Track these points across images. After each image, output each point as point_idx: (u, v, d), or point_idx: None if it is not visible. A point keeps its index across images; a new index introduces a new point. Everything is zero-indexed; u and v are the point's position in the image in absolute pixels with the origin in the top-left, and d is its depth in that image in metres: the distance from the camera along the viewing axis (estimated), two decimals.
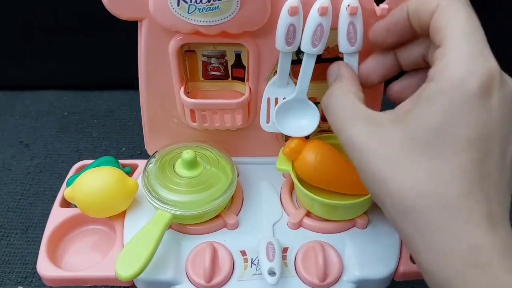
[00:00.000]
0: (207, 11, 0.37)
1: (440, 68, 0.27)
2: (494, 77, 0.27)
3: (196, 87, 0.45)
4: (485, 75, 0.27)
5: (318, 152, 0.41)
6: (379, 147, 0.29)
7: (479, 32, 0.28)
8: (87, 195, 0.41)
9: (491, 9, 0.75)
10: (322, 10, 0.37)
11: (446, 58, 0.27)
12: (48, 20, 0.73)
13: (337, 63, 0.38)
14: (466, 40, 0.27)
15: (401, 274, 0.41)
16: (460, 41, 0.27)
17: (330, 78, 0.38)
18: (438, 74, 0.27)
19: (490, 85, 0.27)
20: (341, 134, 0.32)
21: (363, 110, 0.32)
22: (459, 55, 0.27)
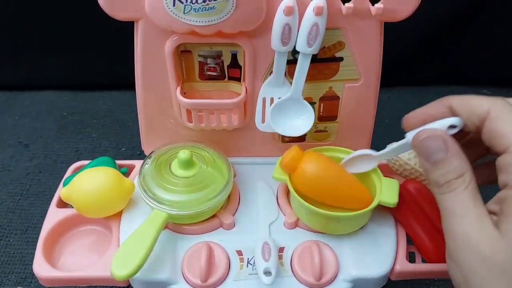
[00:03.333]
0: (203, 11, 0.37)
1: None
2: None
3: (192, 88, 0.45)
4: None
5: (317, 165, 0.41)
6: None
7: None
8: (83, 195, 0.41)
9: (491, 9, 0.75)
10: (318, 10, 0.37)
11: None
12: (48, 20, 0.73)
13: (439, 136, 0.33)
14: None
15: (397, 273, 0.40)
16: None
17: (433, 156, 0.32)
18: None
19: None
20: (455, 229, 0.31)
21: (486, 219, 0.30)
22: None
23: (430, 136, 0.33)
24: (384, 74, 0.45)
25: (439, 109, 0.34)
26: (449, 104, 0.33)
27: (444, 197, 0.31)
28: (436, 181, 0.32)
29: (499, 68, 0.80)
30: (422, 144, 0.33)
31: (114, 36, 0.66)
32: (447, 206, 0.31)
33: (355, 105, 0.46)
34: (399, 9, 0.39)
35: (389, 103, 0.80)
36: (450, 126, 0.33)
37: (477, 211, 0.30)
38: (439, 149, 0.32)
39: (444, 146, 0.32)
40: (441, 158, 0.32)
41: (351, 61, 0.43)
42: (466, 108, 0.32)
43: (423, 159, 0.33)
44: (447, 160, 0.32)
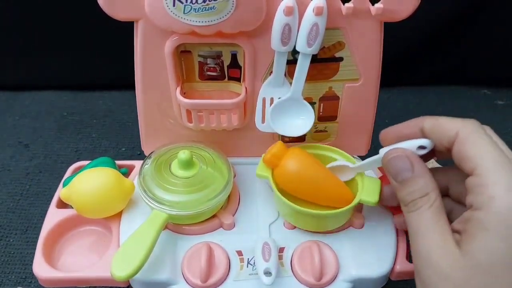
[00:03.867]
0: (203, 11, 0.37)
1: (486, 198, 0.29)
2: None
3: (192, 88, 0.45)
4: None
5: (299, 161, 0.41)
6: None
7: (507, 158, 0.30)
8: (83, 195, 0.41)
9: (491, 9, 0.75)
10: (318, 10, 0.37)
11: (488, 188, 0.29)
12: (48, 20, 0.73)
13: (406, 156, 0.34)
14: (502, 170, 0.29)
15: (397, 273, 0.40)
16: (496, 171, 0.30)
17: (400, 175, 0.34)
18: (487, 202, 0.29)
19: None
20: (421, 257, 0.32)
21: (452, 243, 0.31)
22: (501, 185, 0.29)
23: (398, 155, 0.34)
24: (384, 74, 0.45)
25: (412, 129, 0.36)
26: (421, 125, 0.35)
27: (410, 215, 0.33)
28: (403, 200, 0.34)
29: (499, 68, 0.80)
30: (390, 163, 0.35)
31: (114, 36, 0.66)
32: (412, 224, 0.32)
33: (355, 105, 0.46)
34: (399, 9, 0.39)
35: (389, 103, 0.80)
36: (419, 147, 0.34)
37: (439, 229, 0.31)
38: (405, 169, 0.34)
39: (410, 166, 0.33)
40: (407, 177, 0.33)
41: (351, 61, 0.43)
42: (436, 131, 0.34)
43: (391, 178, 0.35)
44: (412, 179, 0.33)
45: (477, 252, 0.29)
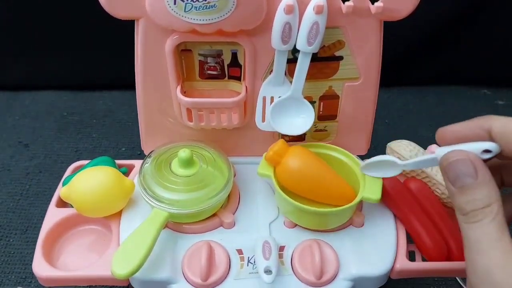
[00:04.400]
0: (204, 10, 0.37)
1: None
2: None
3: (192, 87, 0.45)
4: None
5: (301, 159, 0.41)
6: None
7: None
8: (83, 194, 0.41)
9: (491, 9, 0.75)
10: (318, 8, 0.38)
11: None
12: (48, 20, 0.73)
13: (470, 160, 0.30)
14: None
15: (397, 271, 0.40)
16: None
17: (460, 180, 0.31)
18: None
19: None
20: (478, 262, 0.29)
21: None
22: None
23: (461, 159, 0.31)
24: (384, 73, 0.45)
25: (475, 130, 0.32)
26: (488, 127, 0.31)
27: (469, 226, 0.30)
28: (461, 208, 0.30)
29: (499, 68, 0.80)
30: (451, 166, 0.31)
31: (114, 36, 0.66)
32: (471, 237, 0.29)
33: (354, 104, 0.46)
34: (399, 8, 0.40)
35: (389, 103, 0.80)
36: (484, 151, 0.31)
37: (502, 246, 0.28)
38: (468, 174, 0.30)
39: (474, 171, 0.30)
40: (469, 184, 0.30)
41: (350, 60, 0.43)
42: (507, 136, 0.30)
43: (449, 182, 0.31)
44: (475, 187, 0.30)
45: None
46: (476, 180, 0.30)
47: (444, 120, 0.35)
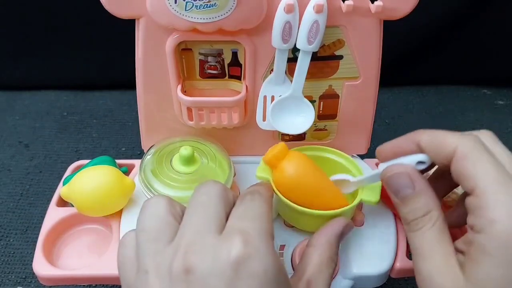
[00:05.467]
0: (204, 8, 0.37)
1: (487, 221, 0.28)
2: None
3: (193, 86, 0.45)
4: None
5: (298, 165, 0.40)
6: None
7: (509, 177, 0.29)
8: (83, 193, 0.41)
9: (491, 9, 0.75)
10: (318, 7, 0.38)
11: (488, 211, 0.28)
12: (48, 20, 0.74)
13: (407, 173, 0.33)
14: (503, 191, 0.28)
15: (398, 270, 0.40)
16: (496, 193, 0.28)
17: (400, 192, 0.33)
18: (487, 226, 0.28)
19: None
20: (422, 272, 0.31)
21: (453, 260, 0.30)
22: (502, 208, 0.28)
23: (398, 172, 0.33)
24: (384, 73, 0.45)
25: (408, 145, 0.34)
26: (418, 140, 0.34)
27: (412, 235, 0.32)
28: (404, 217, 0.33)
29: (499, 68, 0.81)
30: (391, 180, 0.34)
31: (114, 36, 0.66)
32: (414, 244, 0.32)
33: (354, 103, 0.46)
34: (399, 7, 0.40)
35: (389, 103, 0.80)
36: (418, 162, 0.33)
37: (442, 251, 0.30)
38: (406, 186, 0.33)
39: (411, 183, 0.33)
40: (408, 195, 0.32)
41: (350, 59, 0.43)
42: (433, 146, 0.32)
43: (392, 194, 0.34)
44: (414, 197, 0.32)
45: (480, 279, 0.28)
46: (414, 190, 0.32)
47: (444, 120, 0.36)
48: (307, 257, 0.34)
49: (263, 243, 0.28)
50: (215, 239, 0.28)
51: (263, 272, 0.27)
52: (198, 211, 0.30)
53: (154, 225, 0.30)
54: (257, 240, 0.28)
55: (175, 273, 0.27)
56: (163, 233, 0.29)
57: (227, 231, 0.29)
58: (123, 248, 0.31)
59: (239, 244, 0.27)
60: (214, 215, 0.30)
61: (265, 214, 0.31)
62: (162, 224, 0.30)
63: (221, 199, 0.31)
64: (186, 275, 0.26)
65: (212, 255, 0.27)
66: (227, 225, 0.30)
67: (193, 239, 0.28)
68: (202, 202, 0.31)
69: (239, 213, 0.31)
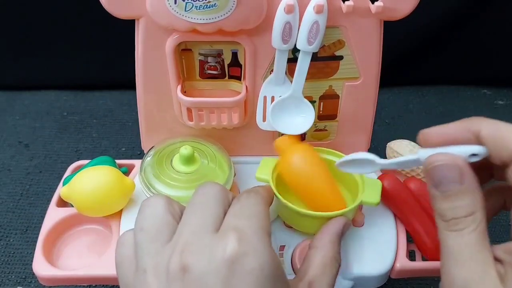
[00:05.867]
0: (204, 9, 0.37)
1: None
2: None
3: (192, 86, 0.45)
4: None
5: (308, 156, 0.40)
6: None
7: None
8: (83, 193, 0.41)
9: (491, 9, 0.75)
10: (318, 8, 0.38)
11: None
12: (48, 20, 0.73)
13: (457, 165, 0.29)
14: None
15: (398, 271, 0.40)
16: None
17: (444, 185, 0.29)
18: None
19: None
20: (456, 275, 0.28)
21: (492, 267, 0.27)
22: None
23: (447, 164, 0.29)
24: (384, 73, 0.45)
25: (463, 133, 0.30)
26: (477, 131, 0.29)
27: (449, 234, 0.28)
28: (442, 213, 0.29)
29: (499, 68, 0.80)
30: (436, 169, 0.29)
31: (114, 36, 0.66)
32: (450, 245, 0.28)
33: (354, 103, 0.46)
34: (399, 7, 0.40)
35: (389, 103, 0.80)
36: (472, 155, 0.29)
37: (482, 258, 0.27)
38: (453, 180, 0.29)
39: (459, 177, 0.28)
40: (453, 190, 0.28)
41: (351, 59, 0.43)
42: (496, 141, 0.29)
43: (432, 185, 0.30)
44: (460, 193, 0.28)
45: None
46: (461, 186, 0.28)
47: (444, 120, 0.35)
48: (310, 259, 0.34)
49: (258, 240, 0.28)
50: (211, 238, 0.28)
51: (259, 269, 0.27)
52: (196, 211, 0.30)
53: (153, 225, 0.30)
54: (252, 237, 0.28)
55: (172, 272, 0.27)
56: (161, 232, 0.29)
57: (223, 229, 0.29)
58: (121, 248, 0.31)
59: (234, 242, 0.27)
60: (211, 215, 0.30)
61: (261, 212, 0.31)
62: (161, 224, 0.30)
63: (220, 200, 0.31)
64: (183, 274, 0.26)
65: (208, 253, 0.27)
66: (223, 224, 0.30)
67: (190, 239, 0.28)
68: (201, 202, 0.31)
69: (235, 211, 0.31)
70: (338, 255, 0.35)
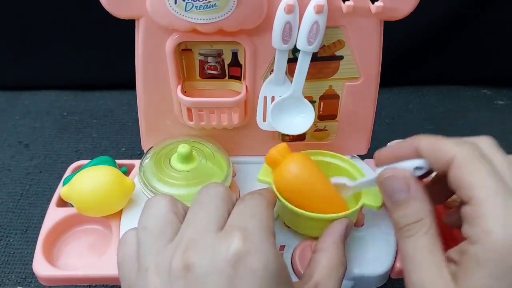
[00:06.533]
0: (204, 9, 0.37)
1: (482, 232, 0.27)
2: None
3: (192, 86, 0.45)
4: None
5: (299, 166, 0.39)
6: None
7: (507, 187, 0.28)
8: (83, 193, 0.41)
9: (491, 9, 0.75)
10: (318, 8, 0.38)
11: (484, 221, 0.27)
12: (48, 20, 0.74)
13: (403, 176, 0.32)
14: (500, 201, 0.28)
15: (398, 271, 0.40)
16: (492, 203, 0.28)
17: (394, 196, 0.32)
18: (482, 237, 0.27)
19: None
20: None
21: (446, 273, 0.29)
22: (498, 219, 0.27)
23: (394, 175, 0.33)
24: (384, 73, 0.45)
25: (407, 150, 0.34)
26: (416, 146, 0.33)
27: (403, 241, 0.31)
28: (396, 222, 0.32)
29: (499, 68, 0.81)
30: (385, 182, 0.33)
31: (114, 36, 0.66)
32: (405, 251, 0.31)
33: (355, 104, 0.46)
34: (399, 7, 0.40)
35: (389, 103, 0.80)
36: (416, 168, 0.32)
37: (434, 259, 0.29)
38: (401, 190, 0.32)
39: (406, 187, 0.32)
40: (402, 199, 0.32)
41: (351, 59, 0.43)
42: (432, 153, 0.32)
43: (386, 198, 0.33)
44: (407, 202, 0.31)
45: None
46: (409, 195, 0.31)
47: (444, 120, 0.35)
48: (315, 262, 0.34)
49: (263, 239, 0.28)
50: (215, 237, 0.28)
51: (263, 268, 0.27)
52: (200, 211, 0.30)
53: (156, 224, 0.30)
54: (256, 237, 0.28)
55: (174, 270, 0.27)
56: (164, 231, 0.29)
57: (227, 229, 0.29)
58: (123, 246, 0.31)
59: (238, 241, 0.27)
60: (215, 215, 0.30)
61: (265, 212, 0.31)
62: (164, 223, 0.30)
63: (223, 200, 0.31)
64: (185, 272, 0.26)
65: (211, 252, 0.27)
66: (227, 223, 0.30)
67: (193, 237, 0.28)
68: (205, 202, 0.31)
69: (239, 211, 0.31)
70: (343, 258, 0.35)
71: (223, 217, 0.30)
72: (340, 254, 0.35)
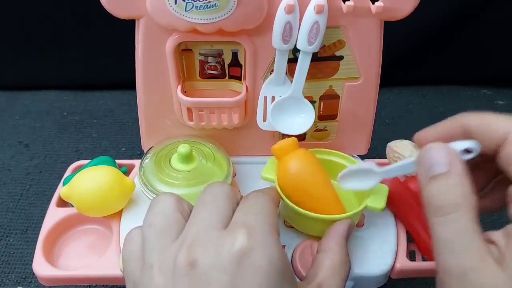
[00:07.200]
0: (204, 9, 0.37)
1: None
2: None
3: (193, 86, 0.45)
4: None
5: (302, 162, 0.39)
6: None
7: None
8: (83, 193, 0.41)
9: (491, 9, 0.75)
10: (318, 8, 0.38)
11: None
12: (48, 20, 0.74)
13: (446, 149, 0.28)
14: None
15: (398, 271, 0.40)
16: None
17: (432, 169, 0.28)
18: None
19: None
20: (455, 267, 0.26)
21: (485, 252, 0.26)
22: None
23: (436, 148, 0.28)
24: (384, 73, 0.45)
25: (453, 128, 0.31)
26: (465, 124, 0.30)
27: (439, 222, 0.27)
28: (429, 201, 0.28)
29: (499, 68, 0.81)
30: (425, 155, 0.29)
31: (115, 36, 0.66)
32: (440, 234, 0.27)
33: (355, 104, 0.46)
34: (399, 8, 0.40)
35: (389, 103, 0.80)
36: (465, 150, 0.29)
37: (476, 247, 0.26)
38: (440, 162, 0.28)
39: (448, 160, 0.28)
40: (440, 172, 0.27)
41: (351, 59, 0.43)
42: (483, 129, 0.29)
43: (422, 172, 0.29)
44: (446, 176, 0.27)
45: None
46: (449, 169, 0.27)
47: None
48: (318, 262, 0.34)
49: (267, 236, 0.28)
50: (219, 234, 0.28)
51: (267, 265, 0.27)
52: (205, 209, 0.31)
53: (162, 221, 0.30)
54: (261, 234, 0.28)
55: (179, 267, 0.27)
56: (170, 229, 0.30)
57: (231, 226, 0.29)
58: (128, 244, 0.31)
59: (243, 237, 0.27)
60: (220, 213, 0.30)
61: (269, 209, 0.31)
62: (170, 221, 0.30)
63: (228, 198, 0.31)
64: (190, 269, 0.26)
65: (216, 249, 0.27)
66: (231, 220, 0.30)
67: (198, 235, 0.28)
68: (209, 200, 0.31)
69: (244, 209, 0.31)
70: (347, 257, 0.35)
71: (227, 215, 0.30)
72: (344, 254, 0.35)
